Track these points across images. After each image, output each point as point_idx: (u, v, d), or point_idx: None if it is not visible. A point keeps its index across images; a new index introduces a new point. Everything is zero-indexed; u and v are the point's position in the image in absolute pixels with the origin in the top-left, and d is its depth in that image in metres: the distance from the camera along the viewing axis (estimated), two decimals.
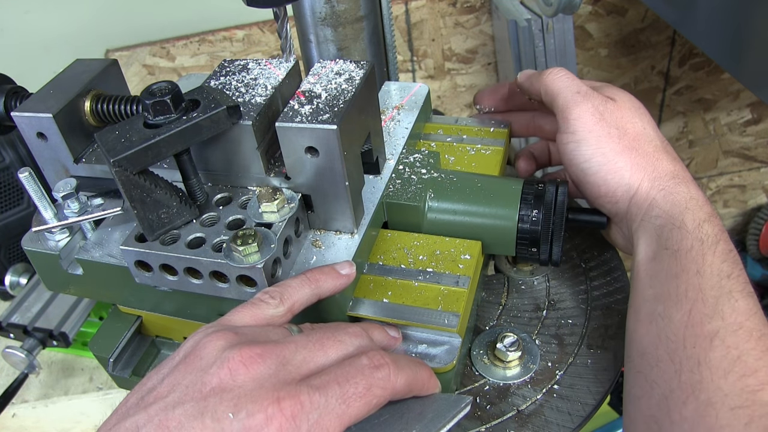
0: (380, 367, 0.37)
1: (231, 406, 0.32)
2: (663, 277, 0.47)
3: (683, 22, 0.89)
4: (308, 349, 0.38)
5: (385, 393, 0.37)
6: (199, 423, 0.32)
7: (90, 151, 0.56)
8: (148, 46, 1.24)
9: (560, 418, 0.50)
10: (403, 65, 1.34)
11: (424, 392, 0.41)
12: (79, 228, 0.54)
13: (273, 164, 0.51)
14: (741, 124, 1.54)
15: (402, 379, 0.38)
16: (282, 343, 0.37)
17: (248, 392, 0.33)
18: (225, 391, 0.33)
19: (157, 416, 0.33)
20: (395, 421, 0.39)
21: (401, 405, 0.40)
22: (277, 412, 0.32)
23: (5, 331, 0.64)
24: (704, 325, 0.43)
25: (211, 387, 0.33)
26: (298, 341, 0.38)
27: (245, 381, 0.34)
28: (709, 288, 0.44)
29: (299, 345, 0.38)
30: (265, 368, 0.35)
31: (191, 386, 0.34)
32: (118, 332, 0.58)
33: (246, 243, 0.44)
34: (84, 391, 0.72)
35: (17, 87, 0.57)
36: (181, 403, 0.33)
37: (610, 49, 1.37)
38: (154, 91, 0.45)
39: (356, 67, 0.50)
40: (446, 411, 0.40)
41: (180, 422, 0.32)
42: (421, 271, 0.51)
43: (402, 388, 0.39)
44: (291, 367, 0.36)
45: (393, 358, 0.39)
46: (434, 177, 0.56)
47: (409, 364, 0.40)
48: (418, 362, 0.42)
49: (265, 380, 0.34)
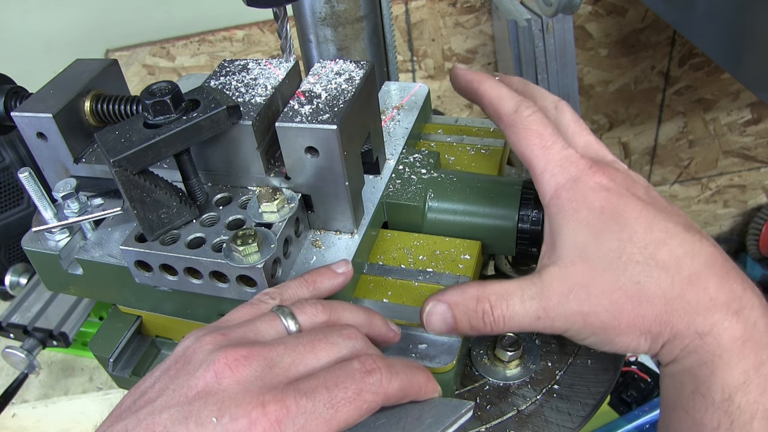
0: (372, 371, 0.36)
1: (215, 410, 0.32)
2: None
3: (683, 22, 0.89)
4: (298, 352, 0.36)
5: (376, 398, 0.36)
6: (183, 427, 0.32)
7: (90, 151, 0.56)
8: (148, 46, 1.24)
9: (560, 418, 0.50)
10: (403, 65, 1.34)
11: (421, 396, 0.40)
12: (79, 228, 0.54)
13: (273, 164, 0.51)
14: (741, 124, 1.54)
15: (395, 384, 0.37)
16: (270, 345, 0.36)
17: (232, 396, 0.33)
18: (209, 395, 0.33)
19: (145, 420, 0.32)
20: (391, 426, 0.38)
21: (399, 410, 0.39)
22: (261, 417, 0.32)
23: (5, 331, 0.64)
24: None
25: (196, 391, 0.33)
26: (288, 343, 0.37)
27: (230, 384, 0.33)
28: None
29: (288, 347, 0.36)
30: (250, 371, 0.34)
31: (178, 390, 0.33)
32: (118, 332, 0.58)
33: (246, 243, 0.44)
34: (84, 391, 0.72)
35: (17, 87, 0.57)
36: (167, 408, 0.33)
37: (610, 49, 1.38)
38: (154, 91, 0.45)
39: (356, 67, 0.50)
40: (446, 416, 0.39)
41: (165, 426, 0.32)
42: (421, 271, 0.51)
43: (395, 393, 0.37)
44: (278, 369, 0.35)
45: (386, 362, 0.37)
46: (434, 177, 0.56)
47: (404, 368, 0.39)
48: (414, 366, 0.41)
49: (251, 383, 0.33)
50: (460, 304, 0.42)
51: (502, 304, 0.41)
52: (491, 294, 0.41)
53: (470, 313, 0.42)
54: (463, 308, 0.42)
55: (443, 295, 0.43)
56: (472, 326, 0.42)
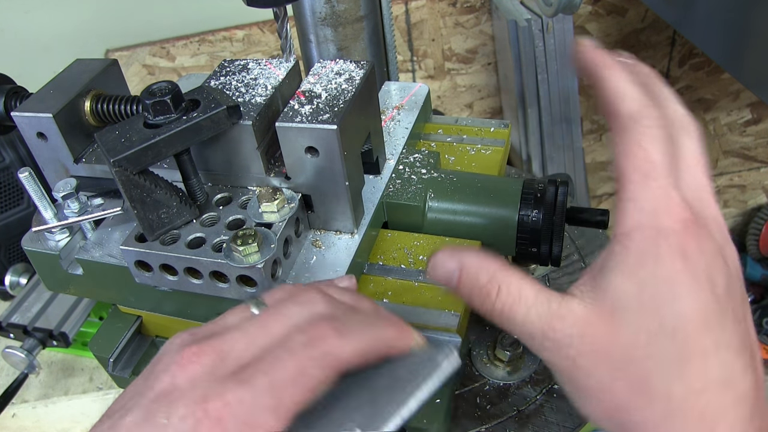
0: (315, 341, 0.32)
1: (166, 411, 0.31)
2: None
3: (683, 22, 0.89)
4: (249, 334, 0.34)
5: (325, 372, 0.32)
6: (141, 430, 0.31)
7: (90, 151, 0.56)
8: (148, 46, 1.24)
9: (560, 418, 0.50)
10: (403, 65, 1.34)
11: (394, 351, 0.35)
12: (79, 228, 0.54)
13: (273, 164, 0.51)
14: (741, 124, 1.54)
15: (348, 348, 0.33)
16: (225, 335, 0.34)
17: (181, 395, 0.31)
18: (164, 396, 0.32)
19: (116, 423, 0.32)
20: (361, 391, 0.33)
21: (372, 372, 0.34)
22: (203, 416, 0.30)
23: (5, 331, 0.64)
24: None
25: (155, 393, 0.33)
26: (242, 327, 0.35)
27: (182, 383, 0.32)
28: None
29: (242, 331, 0.34)
30: (200, 367, 0.33)
31: (142, 393, 0.33)
32: (118, 332, 0.58)
33: (246, 243, 0.44)
34: (84, 391, 0.72)
35: (17, 87, 0.57)
36: (131, 411, 0.32)
37: (610, 49, 1.38)
38: (154, 91, 0.45)
39: (356, 67, 0.50)
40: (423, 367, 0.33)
41: (129, 429, 0.31)
42: (421, 271, 0.51)
43: (352, 357, 0.33)
44: (230, 360, 0.33)
45: (337, 324, 0.33)
46: (434, 177, 0.56)
47: (362, 327, 0.34)
48: (381, 318, 0.36)
49: (199, 380, 0.32)
50: (472, 273, 0.38)
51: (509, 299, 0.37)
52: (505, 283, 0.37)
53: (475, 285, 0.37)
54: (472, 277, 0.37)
55: (460, 254, 0.38)
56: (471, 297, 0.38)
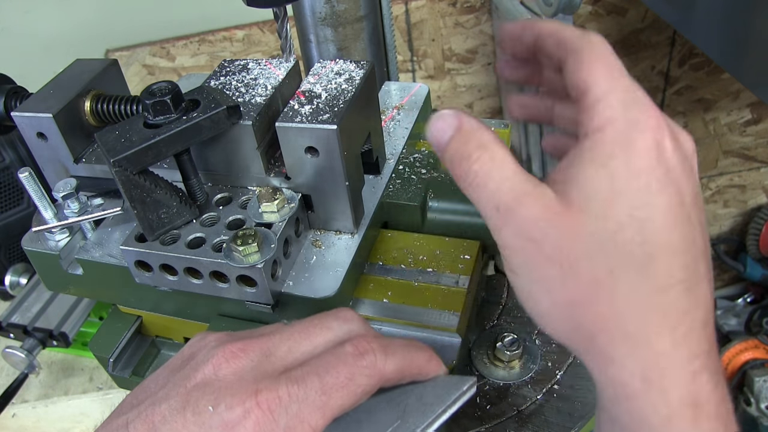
0: (365, 354, 0.36)
1: (211, 399, 0.33)
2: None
3: (683, 22, 0.89)
4: (293, 339, 0.37)
5: (371, 381, 0.35)
6: (180, 416, 0.33)
7: (90, 151, 0.56)
8: (148, 46, 1.24)
9: (560, 418, 0.50)
10: (403, 65, 1.34)
11: (422, 376, 0.39)
12: (79, 228, 0.54)
13: (273, 164, 0.51)
14: (741, 124, 1.54)
15: (391, 365, 0.36)
16: (267, 335, 0.37)
17: (228, 385, 0.33)
18: (207, 386, 0.34)
19: (145, 411, 0.34)
20: (391, 408, 0.38)
21: (400, 391, 0.38)
22: (254, 406, 0.32)
23: (5, 331, 0.64)
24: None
25: (195, 382, 0.34)
26: (284, 332, 0.38)
27: (226, 375, 0.34)
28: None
29: (284, 335, 0.37)
30: (247, 361, 0.35)
31: (178, 383, 0.35)
32: (118, 332, 0.58)
33: (246, 243, 0.44)
34: (84, 391, 0.72)
35: (17, 87, 0.57)
36: (167, 399, 0.34)
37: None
38: (154, 91, 0.45)
39: (356, 67, 0.50)
40: (447, 394, 0.38)
41: (164, 416, 0.33)
42: (421, 271, 0.51)
43: (392, 374, 0.36)
44: (274, 358, 0.36)
45: (382, 343, 0.37)
46: (434, 177, 0.56)
47: (402, 348, 0.38)
48: (414, 345, 0.39)
49: (246, 373, 0.34)
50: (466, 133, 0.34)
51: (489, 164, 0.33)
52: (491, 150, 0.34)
53: (464, 144, 0.34)
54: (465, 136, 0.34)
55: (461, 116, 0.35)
56: (453, 156, 0.35)
